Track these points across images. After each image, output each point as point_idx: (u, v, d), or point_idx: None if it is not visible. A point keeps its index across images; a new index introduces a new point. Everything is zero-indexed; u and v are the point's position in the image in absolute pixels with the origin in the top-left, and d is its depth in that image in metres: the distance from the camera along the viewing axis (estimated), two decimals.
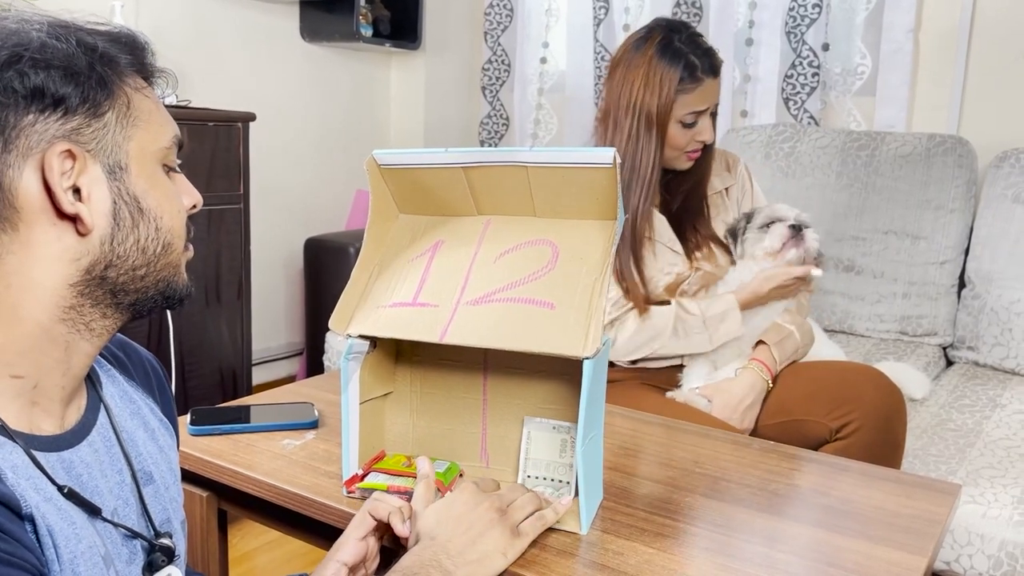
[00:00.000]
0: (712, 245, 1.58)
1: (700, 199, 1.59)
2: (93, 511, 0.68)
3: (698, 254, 1.57)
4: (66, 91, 0.65)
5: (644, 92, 1.47)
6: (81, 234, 0.66)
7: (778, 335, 1.52)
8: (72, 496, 0.66)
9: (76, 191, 0.65)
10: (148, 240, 0.69)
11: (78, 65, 0.66)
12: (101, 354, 0.80)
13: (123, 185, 0.68)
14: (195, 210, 0.76)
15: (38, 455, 0.65)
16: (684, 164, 1.54)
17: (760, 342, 1.52)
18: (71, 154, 0.65)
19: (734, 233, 1.58)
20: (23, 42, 0.64)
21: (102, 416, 0.75)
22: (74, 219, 0.65)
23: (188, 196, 0.75)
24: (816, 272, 1.55)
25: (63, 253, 0.66)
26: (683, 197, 1.57)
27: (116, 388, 0.79)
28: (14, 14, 0.68)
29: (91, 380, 0.76)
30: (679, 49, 1.46)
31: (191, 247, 0.75)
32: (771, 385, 1.48)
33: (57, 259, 0.66)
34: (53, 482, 0.65)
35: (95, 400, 0.75)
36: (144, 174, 0.69)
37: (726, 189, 1.62)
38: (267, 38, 2.69)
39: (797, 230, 1.54)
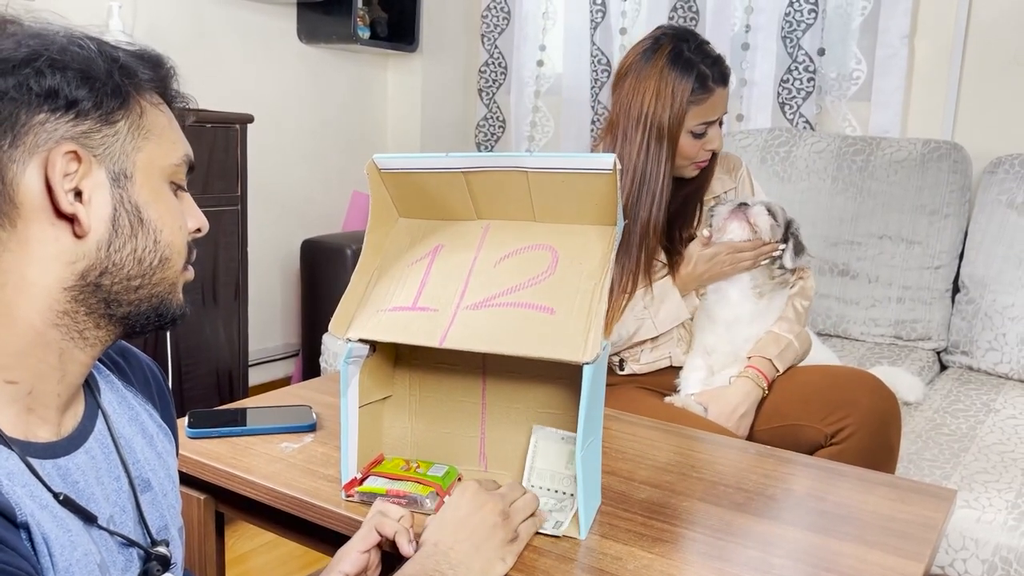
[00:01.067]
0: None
1: (696, 204, 1.59)
2: (89, 519, 0.68)
3: (679, 259, 1.56)
4: (80, 94, 0.66)
5: (656, 104, 1.45)
6: (78, 236, 0.66)
7: (777, 346, 1.51)
8: (68, 503, 0.66)
9: (78, 193, 0.66)
10: (145, 251, 0.69)
11: (96, 71, 0.67)
12: (100, 360, 0.80)
13: (126, 193, 0.68)
14: (199, 234, 0.76)
15: (34, 462, 0.65)
16: (692, 173, 1.54)
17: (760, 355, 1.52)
18: (77, 156, 0.65)
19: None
20: (45, 43, 0.66)
21: (100, 423, 0.75)
22: (72, 220, 0.66)
23: (194, 219, 0.75)
24: (776, 249, 1.50)
25: (59, 254, 0.66)
26: (681, 201, 1.58)
27: (115, 395, 0.79)
28: (43, 21, 0.70)
29: (89, 387, 0.76)
30: (690, 59, 1.44)
31: (191, 269, 0.76)
32: (766, 392, 1.49)
33: (53, 259, 0.66)
34: (49, 489, 0.65)
35: (93, 407, 0.75)
36: (149, 186, 0.70)
37: (725, 193, 1.62)
38: (264, 39, 2.69)
39: (742, 206, 1.50)
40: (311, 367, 2.60)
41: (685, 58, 1.45)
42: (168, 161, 0.72)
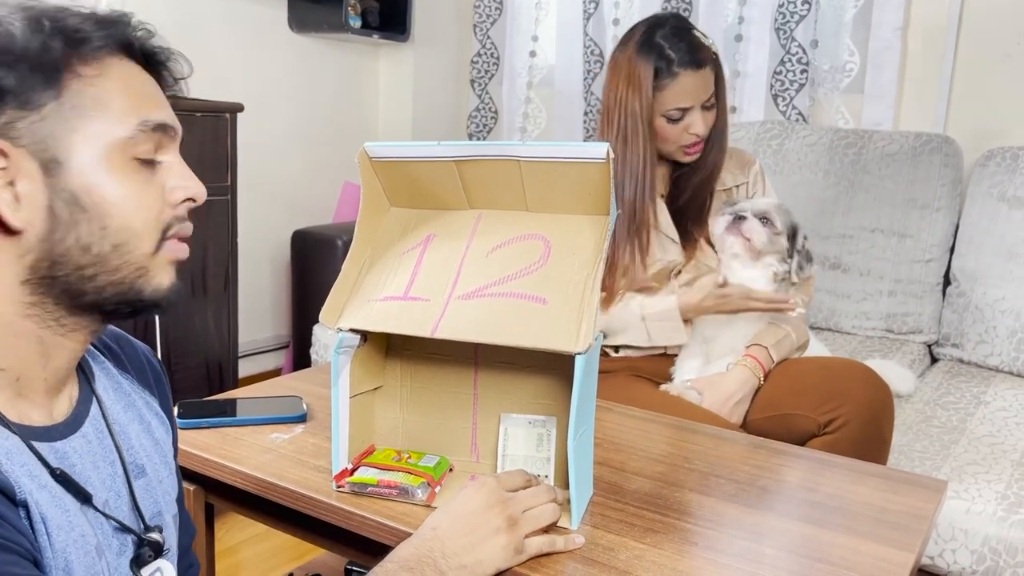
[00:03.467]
0: (705, 240, 1.59)
1: (707, 195, 1.59)
2: (85, 498, 0.68)
3: (696, 248, 1.58)
4: None
5: (627, 91, 1.48)
6: (13, 232, 0.63)
7: (775, 337, 1.52)
8: (64, 480, 0.66)
9: (13, 186, 0.63)
10: (91, 238, 0.65)
11: (12, 51, 0.62)
12: (95, 346, 0.79)
13: (59, 181, 0.64)
14: (192, 203, 0.71)
15: (32, 443, 0.65)
16: (685, 157, 1.54)
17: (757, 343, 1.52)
18: (1, 151, 0.62)
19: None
20: None
21: (94, 408, 0.74)
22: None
23: (180, 188, 0.70)
24: (792, 311, 1.47)
25: (5, 250, 0.64)
26: (692, 191, 1.58)
27: (110, 381, 0.78)
28: None
29: (84, 373, 0.75)
30: (656, 44, 1.46)
31: (179, 246, 0.71)
32: (762, 382, 1.49)
33: (1, 257, 0.64)
34: (47, 465, 0.65)
35: (87, 392, 0.74)
36: (92, 168, 0.65)
37: (736, 187, 1.62)
38: (255, 28, 2.67)
39: (738, 219, 1.51)
40: (301, 358, 2.59)
41: (652, 42, 1.46)
42: (114, 136, 0.66)
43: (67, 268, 0.65)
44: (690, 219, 1.58)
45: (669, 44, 1.45)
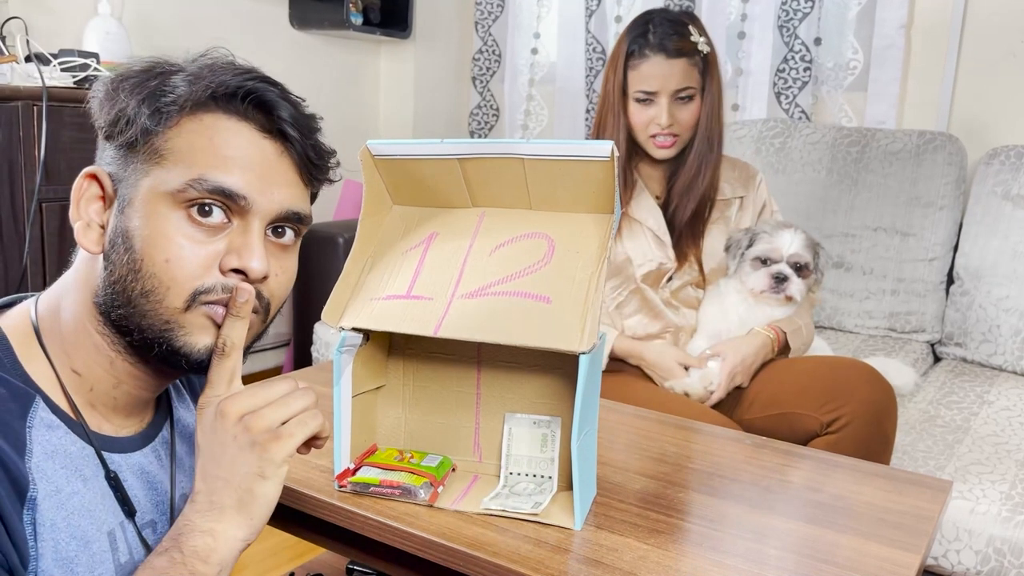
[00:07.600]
0: (699, 249, 1.59)
1: (702, 202, 1.57)
2: (129, 511, 0.71)
3: (690, 254, 1.58)
4: (100, 124, 0.70)
5: (609, 67, 1.53)
6: (90, 252, 0.70)
7: (792, 325, 1.55)
8: (116, 486, 0.70)
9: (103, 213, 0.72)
10: (128, 279, 0.68)
11: (133, 97, 0.69)
12: (182, 383, 0.84)
13: (122, 217, 0.69)
14: (242, 277, 0.70)
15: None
16: (653, 151, 1.53)
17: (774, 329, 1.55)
18: (95, 178, 0.70)
19: (729, 247, 1.58)
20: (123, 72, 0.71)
21: (164, 434, 0.79)
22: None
23: (233, 257, 0.69)
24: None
25: (88, 266, 0.71)
26: (681, 193, 1.57)
27: (192, 418, 0.83)
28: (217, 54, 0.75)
29: (170, 408, 0.81)
30: (643, 25, 1.49)
31: (216, 311, 0.69)
32: (772, 356, 1.50)
33: (86, 270, 0.71)
34: (105, 466, 0.69)
35: (161, 420, 0.79)
36: (144, 212, 0.68)
37: (740, 199, 1.61)
38: (256, 25, 2.66)
39: (781, 280, 1.52)
40: (301, 356, 2.58)
41: (640, 24, 1.49)
42: (169, 186, 0.68)
43: (116, 303, 0.68)
44: (684, 225, 1.56)
45: (653, 28, 1.47)
